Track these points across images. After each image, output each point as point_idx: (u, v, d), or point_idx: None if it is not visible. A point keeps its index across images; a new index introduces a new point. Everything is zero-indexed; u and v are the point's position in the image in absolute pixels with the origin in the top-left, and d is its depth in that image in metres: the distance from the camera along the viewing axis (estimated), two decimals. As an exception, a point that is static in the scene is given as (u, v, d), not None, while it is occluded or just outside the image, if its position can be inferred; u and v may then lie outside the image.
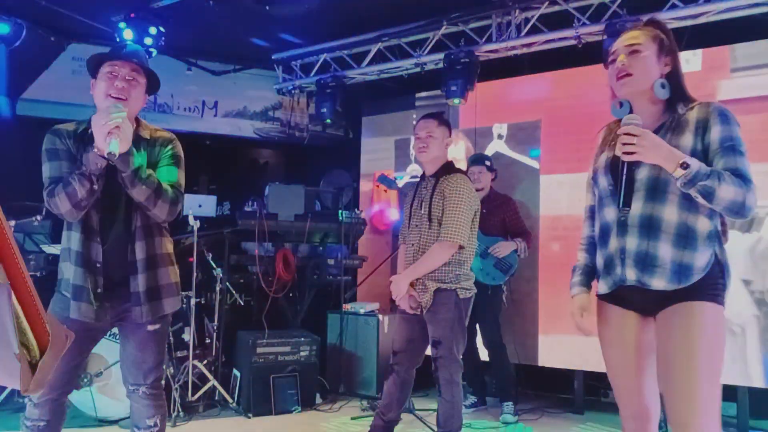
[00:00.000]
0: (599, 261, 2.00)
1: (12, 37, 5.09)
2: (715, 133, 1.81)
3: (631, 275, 1.87)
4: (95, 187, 2.09)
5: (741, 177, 1.76)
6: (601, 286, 1.99)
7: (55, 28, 5.50)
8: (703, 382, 1.75)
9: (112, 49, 2.32)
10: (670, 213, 1.83)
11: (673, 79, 1.92)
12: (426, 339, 3.15)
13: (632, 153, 1.78)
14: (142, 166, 2.18)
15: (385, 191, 4.43)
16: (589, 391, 4.77)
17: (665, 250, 1.82)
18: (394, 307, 3.27)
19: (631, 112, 1.89)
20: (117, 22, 5.07)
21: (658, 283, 1.83)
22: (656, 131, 1.86)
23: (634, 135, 1.77)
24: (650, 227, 1.84)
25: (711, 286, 1.82)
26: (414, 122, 3.25)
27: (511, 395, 4.38)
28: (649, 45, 1.92)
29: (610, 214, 1.94)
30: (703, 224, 1.82)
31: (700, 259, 1.81)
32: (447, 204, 3.01)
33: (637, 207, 1.86)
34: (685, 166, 1.73)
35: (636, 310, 1.94)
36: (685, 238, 1.81)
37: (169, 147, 2.36)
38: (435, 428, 3.19)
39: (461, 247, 3.04)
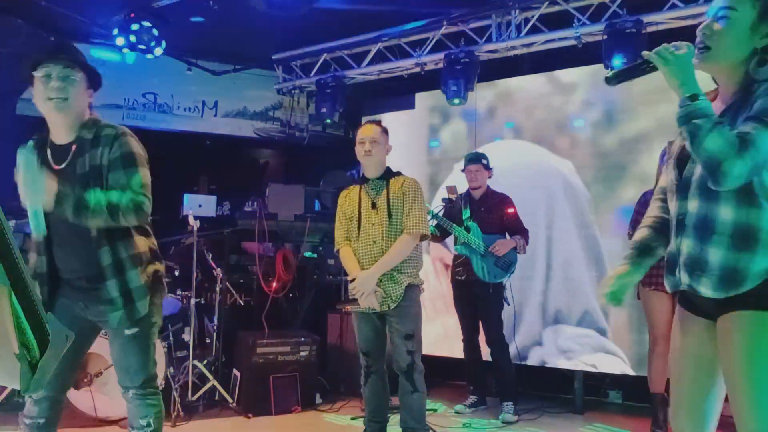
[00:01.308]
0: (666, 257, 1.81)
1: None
2: (756, 106, 1.58)
3: (684, 279, 1.70)
4: None
5: (742, 141, 1.51)
6: (666, 287, 1.82)
7: (55, 28, 5.50)
8: (759, 400, 1.58)
9: (41, 52, 2.21)
10: (725, 212, 1.60)
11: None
12: (385, 332, 3.27)
13: (651, 57, 1.63)
14: (80, 198, 2.03)
15: None
16: (589, 391, 4.77)
17: (716, 254, 1.61)
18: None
19: None
20: (117, 22, 5.07)
21: (705, 290, 1.65)
22: (721, 115, 1.65)
23: (673, 49, 1.60)
24: (704, 228, 1.64)
25: None
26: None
27: (512, 395, 4.38)
28: (745, 11, 1.61)
29: (673, 208, 1.76)
30: None
31: (760, 264, 1.58)
32: (407, 200, 3.21)
33: (693, 205, 1.67)
34: (693, 98, 1.55)
35: (704, 315, 1.75)
36: (745, 239, 1.58)
37: (115, 147, 2.17)
38: (435, 428, 3.19)
39: (424, 238, 3.25)
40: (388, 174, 3.31)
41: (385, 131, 3.36)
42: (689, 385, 1.78)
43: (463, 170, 4.56)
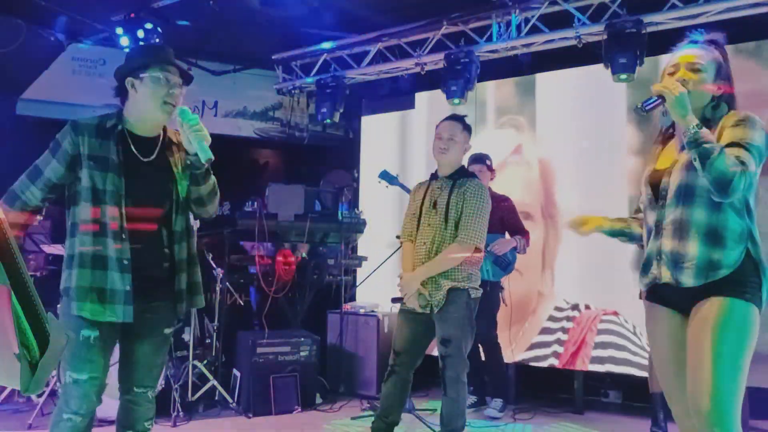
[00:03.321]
0: (642, 260, 2.12)
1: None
2: (725, 136, 1.93)
3: (666, 274, 1.98)
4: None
5: (742, 162, 1.84)
6: (640, 284, 2.13)
7: (55, 28, 5.50)
8: (719, 375, 1.81)
9: (161, 53, 2.30)
10: (698, 215, 1.93)
11: (722, 101, 2.03)
12: (428, 338, 3.18)
13: (664, 92, 1.92)
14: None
15: (386, 187, 4.38)
16: (589, 391, 4.77)
17: (694, 249, 1.93)
18: (392, 304, 3.30)
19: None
20: (117, 22, 5.07)
21: (687, 280, 1.94)
22: (683, 147, 1.98)
23: (677, 86, 1.92)
24: (681, 229, 1.96)
25: (740, 282, 1.89)
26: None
27: (501, 392, 4.39)
28: (709, 67, 2.03)
29: (650, 218, 2.08)
30: (734, 223, 1.91)
31: (730, 256, 1.90)
32: (467, 207, 3.07)
33: (670, 211, 1.99)
34: (698, 126, 1.88)
35: (676, 308, 2.02)
36: (715, 236, 1.91)
37: None
38: (436, 428, 3.19)
39: (478, 250, 3.09)
40: (458, 175, 3.19)
41: (466, 129, 3.24)
42: (674, 365, 2.01)
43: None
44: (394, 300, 3.32)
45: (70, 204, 2.21)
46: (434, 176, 3.27)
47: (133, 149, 2.22)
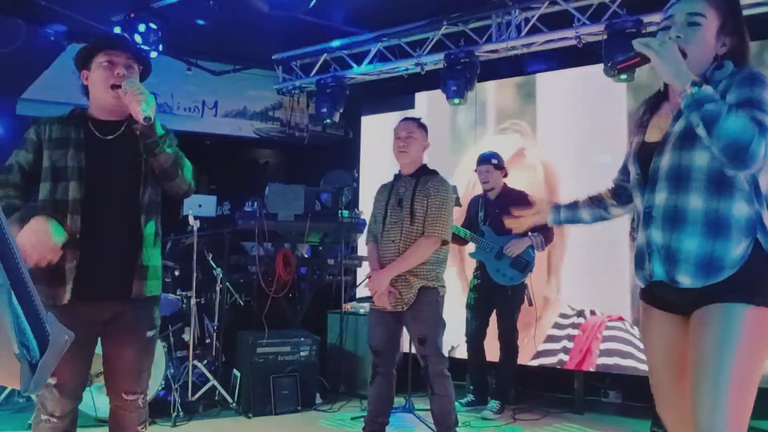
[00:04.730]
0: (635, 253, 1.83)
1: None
2: (730, 96, 1.59)
3: (659, 270, 1.69)
4: None
5: (759, 123, 1.49)
6: (638, 281, 1.82)
7: (55, 28, 5.50)
8: (727, 392, 1.54)
9: (105, 39, 2.31)
10: (695, 201, 1.62)
11: (728, 59, 1.68)
12: (399, 335, 3.24)
13: (646, 51, 1.59)
14: (165, 132, 2.18)
15: None
16: (589, 391, 4.77)
17: (691, 243, 1.61)
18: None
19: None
20: (117, 22, 5.08)
21: (684, 279, 1.63)
22: (678, 116, 1.68)
23: (663, 40, 1.60)
24: (675, 219, 1.64)
25: (749, 283, 1.57)
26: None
27: (502, 395, 4.39)
28: (712, 20, 1.67)
29: (638, 204, 1.78)
30: (739, 209, 1.59)
31: (735, 250, 1.58)
32: (432, 202, 3.12)
33: (661, 197, 1.68)
34: (698, 84, 1.53)
35: (675, 311, 1.74)
36: (716, 226, 1.59)
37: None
38: (435, 428, 3.20)
39: (445, 243, 3.15)
40: (421, 172, 3.25)
41: (422, 127, 3.31)
42: (669, 371, 1.76)
43: (475, 170, 4.55)
44: (361, 300, 3.36)
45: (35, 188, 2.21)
46: (398, 176, 3.33)
47: (94, 129, 2.22)
